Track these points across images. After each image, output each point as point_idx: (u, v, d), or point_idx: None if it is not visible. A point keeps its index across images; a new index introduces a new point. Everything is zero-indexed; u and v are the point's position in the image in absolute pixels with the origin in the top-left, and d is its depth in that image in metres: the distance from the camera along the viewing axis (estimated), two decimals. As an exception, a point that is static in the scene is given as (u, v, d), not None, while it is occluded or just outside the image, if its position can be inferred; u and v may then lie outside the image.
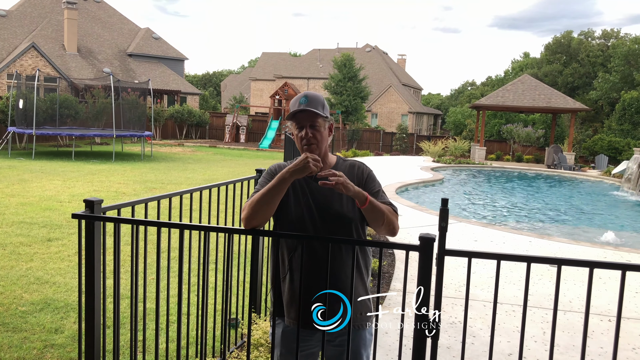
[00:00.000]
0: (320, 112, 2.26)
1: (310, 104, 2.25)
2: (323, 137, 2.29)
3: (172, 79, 36.79)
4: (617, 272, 2.04)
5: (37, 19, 34.17)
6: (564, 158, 23.31)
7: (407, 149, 33.22)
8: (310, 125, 2.25)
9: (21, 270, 5.75)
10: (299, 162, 2.08)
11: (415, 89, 62.31)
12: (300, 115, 2.25)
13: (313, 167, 2.06)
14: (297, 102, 2.27)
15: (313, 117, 2.25)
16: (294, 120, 2.27)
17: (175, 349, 3.90)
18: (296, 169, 2.08)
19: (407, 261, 2.20)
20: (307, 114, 2.24)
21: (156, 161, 19.13)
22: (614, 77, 41.14)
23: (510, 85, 26.50)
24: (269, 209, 2.17)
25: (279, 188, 2.13)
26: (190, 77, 74.82)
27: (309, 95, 2.28)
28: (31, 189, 11.12)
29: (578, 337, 4.37)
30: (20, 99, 19.47)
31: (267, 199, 2.14)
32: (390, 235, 2.32)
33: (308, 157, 2.07)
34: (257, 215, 2.17)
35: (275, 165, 2.37)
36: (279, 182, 2.11)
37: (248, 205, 2.20)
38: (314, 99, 2.28)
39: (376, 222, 2.24)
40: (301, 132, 2.26)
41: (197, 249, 3.22)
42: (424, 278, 2.07)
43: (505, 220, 11.21)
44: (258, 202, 2.16)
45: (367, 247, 2.40)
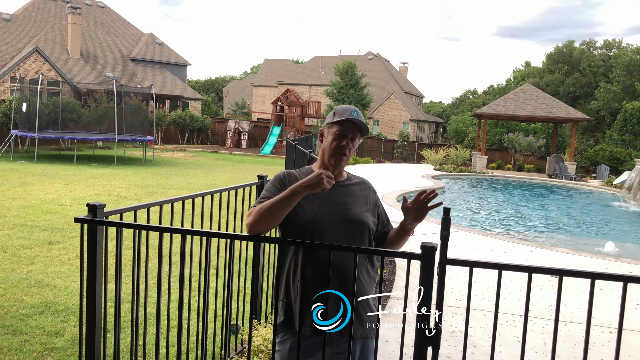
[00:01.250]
0: (365, 130, 2.35)
1: (360, 119, 2.33)
2: (353, 152, 2.38)
3: (174, 84, 36.90)
4: (619, 284, 2.05)
5: (41, 24, 34.33)
6: (565, 168, 23.31)
7: (408, 156, 33.25)
8: (351, 138, 2.33)
9: (22, 273, 5.75)
10: (312, 178, 2.11)
11: (417, 96, 62.42)
12: (348, 125, 2.32)
13: (326, 185, 2.10)
14: (348, 111, 2.33)
15: (357, 131, 2.34)
16: (341, 126, 2.32)
17: (175, 354, 3.90)
18: (309, 184, 2.11)
19: (408, 270, 2.20)
20: (357, 126, 2.32)
21: (158, 166, 19.15)
22: (616, 87, 41.21)
23: (511, 95, 26.55)
24: (276, 218, 2.18)
25: (290, 200, 2.14)
26: (192, 82, 75.01)
27: (359, 112, 2.36)
28: (33, 192, 11.14)
29: (578, 348, 4.36)
30: (24, 102, 19.53)
31: (277, 209, 2.15)
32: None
33: (322, 174, 2.10)
34: (263, 223, 2.18)
35: (285, 173, 2.39)
36: (290, 195, 2.13)
37: (256, 211, 2.19)
38: (362, 117, 2.37)
39: (397, 247, 2.43)
40: (342, 140, 2.31)
41: (199, 254, 3.23)
42: (426, 287, 2.08)
43: (506, 230, 11.20)
44: (267, 210, 2.16)
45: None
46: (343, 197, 2.32)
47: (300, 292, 2.26)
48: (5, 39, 31.56)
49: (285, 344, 2.29)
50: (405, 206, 2.28)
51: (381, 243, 2.45)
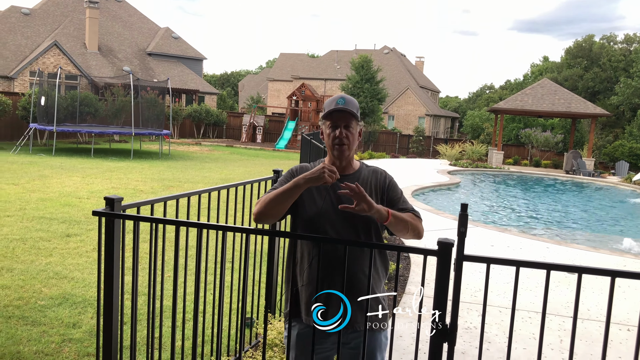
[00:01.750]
0: (356, 115, 2.31)
1: (347, 105, 2.30)
2: (354, 139, 2.34)
3: (190, 79, 37.07)
4: (637, 282, 2.01)
5: (60, 18, 34.68)
6: (583, 164, 23.00)
7: (424, 151, 33.06)
8: (344, 126, 2.30)
9: (41, 265, 5.84)
10: (315, 171, 2.13)
11: (433, 91, 62.00)
12: (336, 115, 2.30)
13: (328, 179, 2.11)
14: (334, 102, 2.32)
15: (349, 117, 2.30)
16: (329, 119, 2.32)
17: (191, 346, 3.93)
18: (311, 177, 2.13)
19: (424, 266, 2.19)
20: (344, 114, 2.29)
21: (173, 160, 19.29)
22: (637, 82, 40.48)
23: (529, 89, 26.23)
24: (280, 209, 2.22)
25: (293, 192, 2.18)
26: (208, 76, 75.32)
27: (346, 97, 2.33)
28: (51, 185, 11.29)
29: (596, 345, 4.31)
30: (42, 96, 19.77)
31: (280, 200, 2.20)
32: (416, 239, 2.36)
33: (325, 168, 2.11)
34: (268, 213, 2.23)
35: (297, 167, 2.42)
36: (293, 187, 2.17)
37: (262, 201, 2.25)
38: (351, 101, 2.33)
39: (401, 232, 2.29)
40: (335, 131, 2.30)
41: (214, 248, 3.25)
42: (442, 283, 2.07)
43: (523, 226, 11.09)
44: (271, 201, 2.21)
45: (385, 254, 2.41)
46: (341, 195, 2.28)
47: (306, 284, 2.31)
48: (24, 33, 31.94)
49: (293, 331, 2.36)
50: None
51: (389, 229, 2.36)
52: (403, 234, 2.29)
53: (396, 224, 2.22)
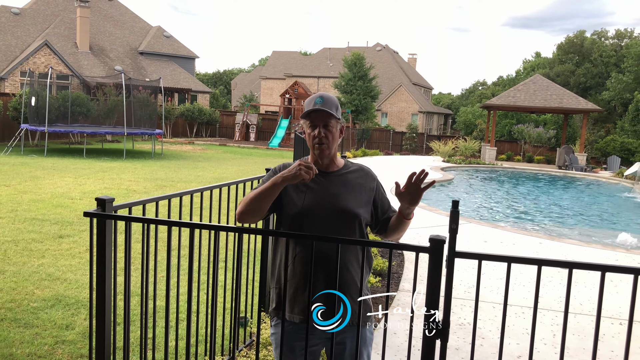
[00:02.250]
0: (334, 113, 2.30)
1: (325, 105, 2.29)
2: (334, 138, 2.34)
3: (182, 77, 36.95)
4: (629, 276, 2.03)
5: (50, 17, 34.46)
6: (576, 159, 23.13)
7: (417, 148, 33.12)
8: (323, 125, 2.30)
9: (33, 267, 5.81)
10: (291, 169, 2.14)
11: (426, 88, 62.09)
12: (314, 115, 2.29)
13: (304, 175, 2.11)
14: (312, 101, 2.31)
15: (327, 117, 2.29)
16: (308, 119, 2.32)
17: (184, 346, 3.92)
18: (288, 176, 2.14)
19: (416, 263, 2.19)
20: (322, 113, 2.29)
21: (166, 159, 19.23)
22: (627, 77, 40.73)
23: (521, 85, 26.33)
24: (260, 209, 2.24)
25: (270, 191, 2.19)
26: (200, 75, 75.07)
27: (324, 96, 2.32)
28: (43, 186, 11.23)
29: (588, 340, 4.34)
30: (33, 96, 19.65)
31: (259, 199, 2.22)
32: (395, 241, 2.39)
33: (301, 164, 2.12)
34: (249, 213, 2.25)
35: (281, 165, 2.42)
36: (271, 186, 2.18)
37: (243, 201, 2.27)
38: (329, 100, 2.32)
39: (398, 235, 2.37)
40: (314, 131, 2.30)
41: (207, 247, 3.24)
42: (434, 280, 2.07)
43: (515, 221, 11.14)
44: (251, 201, 2.23)
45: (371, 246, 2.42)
46: (335, 188, 2.32)
47: (289, 280, 2.31)
48: (14, 33, 31.72)
49: (278, 327, 2.36)
50: (399, 191, 2.26)
51: (383, 229, 2.42)
52: (396, 236, 2.37)
53: (405, 226, 2.31)
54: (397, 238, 2.39)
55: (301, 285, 2.27)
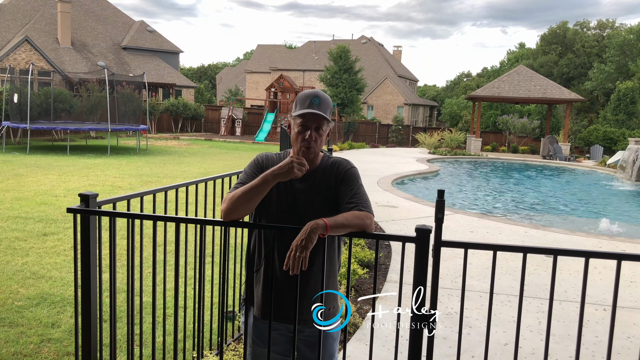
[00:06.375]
0: (328, 116, 2.24)
1: (321, 107, 2.22)
2: (322, 140, 2.28)
3: (167, 72, 36.63)
4: (612, 262, 2.05)
5: (31, 13, 33.91)
6: (560, 149, 23.37)
7: (403, 140, 33.23)
8: (315, 128, 2.23)
9: (17, 265, 5.74)
10: (283, 166, 2.08)
11: (411, 80, 62.23)
12: (309, 116, 2.21)
13: (297, 172, 2.07)
14: (308, 100, 2.22)
15: (321, 120, 2.22)
16: (302, 118, 2.22)
17: (172, 342, 3.91)
18: (280, 172, 2.08)
19: (403, 253, 2.20)
20: (316, 117, 2.21)
21: (151, 155, 19.07)
22: (609, 67, 41.20)
23: (505, 77, 26.50)
24: (248, 206, 2.17)
25: (261, 189, 2.12)
26: (185, 70, 74.49)
27: (321, 96, 2.23)
28: (26, 184, 11.08)
29: (573, 326, 4.40)
30: (14, 93, 19.35)
31: (249, 197, 2.14)
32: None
33: (293, 161, 2.07)
34: (237, 210, 2.17)
35: (263, 156, 2.36)
36: (261, 183, 2.11)
37: (229, 199, 2.18)
38: (325, 101, 2.24)
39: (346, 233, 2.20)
40: (305, 132, 2.22)
41: (194, 242, 3.22)
42: (420, 270, 2.08)
43: (501, 211, 11.24)
44: (239, 199, 2.15)
45: (337, 242, 2.36)
46: (308, 193, 2.25)
47: (259, 273, 2.32)
48: (-7, 30, 31.18)
49: (249, 317, 2.39)
50: None
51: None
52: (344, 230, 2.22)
53: (338, 230, 2.09)
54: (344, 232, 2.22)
55: (270, 282, 2.26)
